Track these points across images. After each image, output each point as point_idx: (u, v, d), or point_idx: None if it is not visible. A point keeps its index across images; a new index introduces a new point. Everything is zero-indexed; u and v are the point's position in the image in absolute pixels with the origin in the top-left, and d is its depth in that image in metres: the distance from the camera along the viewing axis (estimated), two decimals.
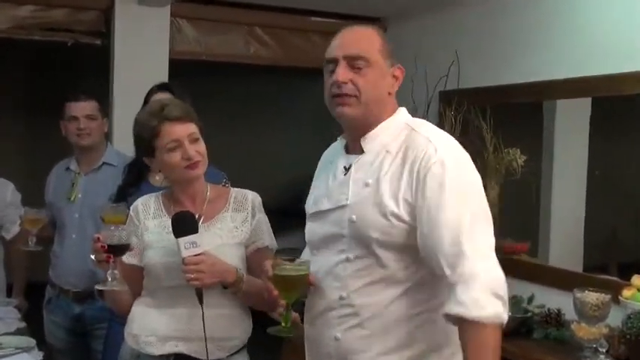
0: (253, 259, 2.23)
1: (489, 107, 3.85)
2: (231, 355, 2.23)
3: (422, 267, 1.78)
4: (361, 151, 1.89)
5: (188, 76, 3.63)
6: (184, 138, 2.16)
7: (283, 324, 1.90)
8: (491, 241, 1.75)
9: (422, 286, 1.79)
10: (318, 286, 1.89)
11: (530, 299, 3.42)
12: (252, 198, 2.30)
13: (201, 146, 2.20)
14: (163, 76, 4.01)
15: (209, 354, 2.17)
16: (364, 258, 1.80)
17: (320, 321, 1.89)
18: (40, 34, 4.11)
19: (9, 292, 3.65)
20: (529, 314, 3.25)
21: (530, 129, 3.93)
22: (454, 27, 4.24)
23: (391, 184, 1.78)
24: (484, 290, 1.64)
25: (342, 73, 1.82)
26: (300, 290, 1.90)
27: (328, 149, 2.11)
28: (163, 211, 2.28)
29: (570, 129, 3.83)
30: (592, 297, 2.78)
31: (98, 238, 2.07)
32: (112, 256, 2.08)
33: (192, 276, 2.05)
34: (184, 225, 2.09)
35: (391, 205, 1.76)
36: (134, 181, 2.89)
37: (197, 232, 2.09)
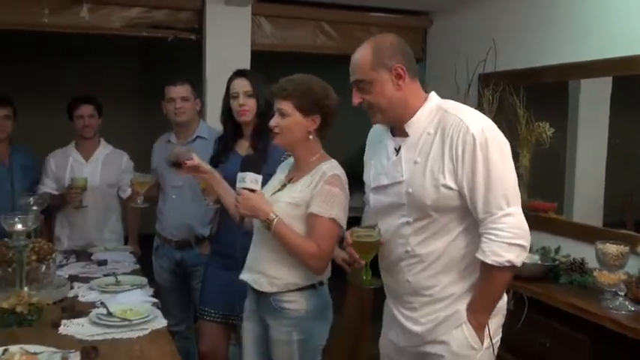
0: (306, 222, 2.18)
1: (522, 87, 3.77)
2: (284, 292, 2.21)
3: (463, 219, 1.86)
4: (405, 134, 1.93)
5: (267, 65, 3.60)
6: (275, 110, 2.23)
7: (364, 277, 1.96)
8: (515, 197, 1.81)
9: (464, 233, 1.87)
10: (386, 243, 1.95)
11: (557, 250, 3.35)
12: (324, 170, 2.21)
13: (286, 121, 2.20)
14: (246, 65, 4.03)
15: (261, 285, 2.23)
16: (421, 219, 1.87)
17: (393, 269, 1.97)
18: (146, 31, 4.15)
19: (125, 242, 3.75)
20: (556, 262, 3.18)
21: (557, 105, 3.80)
22: (491, 18, 4.13)
23: (436, 159, 1.84)
24: (501, 242, 1.76)
25: (354, 97, 1.94)
26: (375, 252, 1.95)
27: (372, 130, 2.15)
28: (286, 171, 2.36)
29: (593, 105, 3.67)
30: (612, 248, 2.70)
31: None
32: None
33: (236, 203, 2.17)
34: (244, 164, 2.20)
35: (439, 177, 1.82)
36: (222, 151, 2.91)
37: (254, 171, 2.17)
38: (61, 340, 2.09)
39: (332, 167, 2.21)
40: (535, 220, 3.60)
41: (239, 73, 2.89)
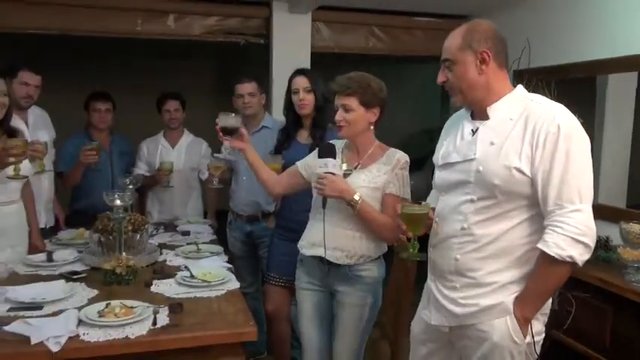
0: (383, 201, 2.18)
1: (554, 82, 3.60)
2: (357, 264, 2.20)
3: (530, 208, 1.64)
4: (486, 118, 1.72)
5: (324, 65, 3.59)
6: (339, 106, 2.17)
7: (411, 250, 1.82)
8: (588, 195, 1.58)
9: (529, 222, 1.65)
10: (442, 220, 1.79)
11: None
12: (398, 157, 2.21)
13: (350, 115, 2.17)
14: (306, 64, 4.01)
15: (338, 259, 2.19)
16: (485, 199, 1.67)
17: (443, 245, 1.78)
18: (222, 36, 4.18)
19: (205, 216, 3.80)
20: None
21: (586, 98, 3.63)
22: (526, 19, 3.97)
23: (515, 143, 1.62)
24: (566, 236, 1.54)
25: (439, 75, 1.77)
26: (422, 225, 1.79)
27: (452, 117, 1.93)
28: (340, 155, 2.28)
29: (619, 98, 3.49)
30: (636, 227, 2.60)
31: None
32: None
33: (318, 187, 2.08)
34: (323, 151, 2.12)
35: (514, 160, 1.61)
36: (285, 139, 2.92)
37: (333, 157, 2.09)
38: (152, 297, 2.14)
39: (403, 155, 2.22)
40: None
41: (299, 72, 2.88)
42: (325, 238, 2.18)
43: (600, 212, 3.23)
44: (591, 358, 2.76)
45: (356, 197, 2.10)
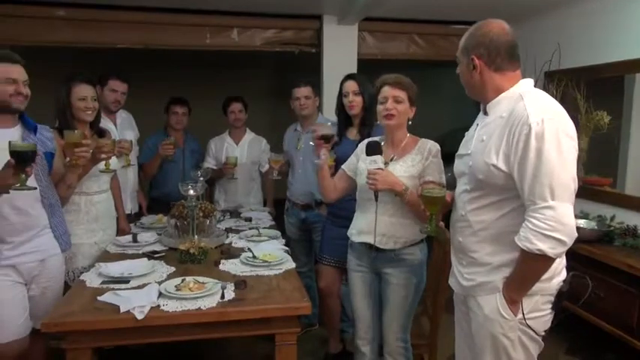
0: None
1: (583, 82, 3.45)
2: (402, 248, 2.17)
3: (517, 199, 1.56)
4: (487, 114, 1.68)
5: (370, 70, 3.54)
6: (390, 97, 2.12)
7: (428, 227, 1.85)
8: (562, 192, 1.46)
9: (517, 212, 1.58)
10: (454, 204, 1.80)
11: (612, 218, 3.06)
12: (429, 146, 2.16)
13: (401, 106, 2.12)
14: (353, 70, 3.97)
15: (385, 244, 2.15)
16: (476, 191, 1.66)
17: (453, 227, 1.81)
18: (279, 47, 4.19)
19: (264, 204, 3.83)
20: (611, 228, 2.91)
21: (614, 96, 3.44)
22: (556, 25, 3.80)
23: (496, 141, 1.57)
24: (535, 231, 1.47)
25: (457, 69, 1.73)
26: (439, 206, 1.80)
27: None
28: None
29: None
30: None
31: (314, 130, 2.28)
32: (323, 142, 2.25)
33: (370, 182, 2.03)
34: (371, 149, 2.07)
35: (493, 158, 1.56)
36: (336, 136, 2.90)
37: (380, 154, 2.05)
38: (220, 274, 2.18)
39: (434, 144, 2.17)
40: (592, 192, 3.36)
41: (349, 77, 2.87)
42: (377, 227, 2.15)
43: (628, 203, 3.11)
44: (616, 336, 2.63)
45: (405, 187, 2.06)
